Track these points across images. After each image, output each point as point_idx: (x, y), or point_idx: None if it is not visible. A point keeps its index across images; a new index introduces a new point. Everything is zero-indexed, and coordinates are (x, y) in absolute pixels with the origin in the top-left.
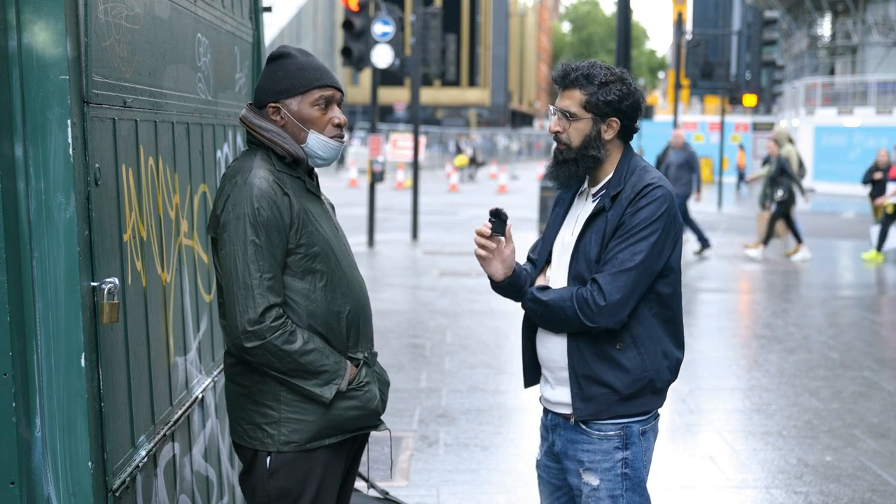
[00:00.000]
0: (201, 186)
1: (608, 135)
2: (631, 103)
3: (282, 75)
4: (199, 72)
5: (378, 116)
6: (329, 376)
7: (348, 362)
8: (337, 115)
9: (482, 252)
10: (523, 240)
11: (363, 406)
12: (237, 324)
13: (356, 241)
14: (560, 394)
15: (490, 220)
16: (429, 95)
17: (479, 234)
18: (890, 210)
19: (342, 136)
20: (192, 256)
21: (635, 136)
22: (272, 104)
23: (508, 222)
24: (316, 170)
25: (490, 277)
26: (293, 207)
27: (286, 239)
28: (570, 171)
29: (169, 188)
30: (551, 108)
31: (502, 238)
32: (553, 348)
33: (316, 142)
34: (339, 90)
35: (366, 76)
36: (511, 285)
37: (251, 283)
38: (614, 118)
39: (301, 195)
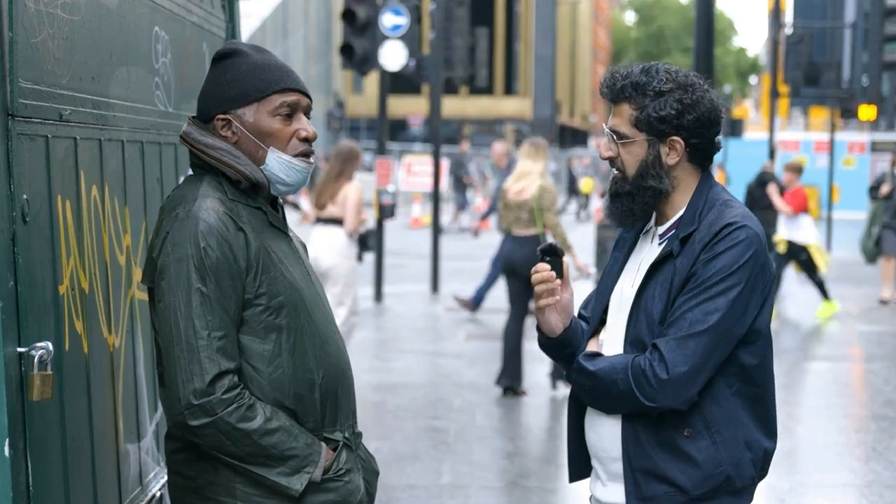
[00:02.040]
0: None
1: (671, 159)
2: (696, 117)
3: (232, 78)
4: (158, 75)
5: (387, 133)
6: (298, 462)
7: (323, 445)
8: (304, 126)
9: (548, 300)
10: (576, 292)
11: (343, 500)
12: (180, 396)
13: (359, 295)
14: (613, 492)
15: (544, 260)
16: (453, 106)
17: (539, 273)
18: (782, 249)
19: (310, 154)
20: (148, 315)
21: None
22: (221, 116)
23: (566, 259)
24: (281, 199)
25: (545, 333)
26: (250, 246)
27: (241, 287)
28: (624, 206)
29: (118, 226)
30: (605, 126)
31: (559, 281)
32: (604, 434)
33: (276, 162)
34: (307, 95)
35: (372, 82)
36: (566, 342)
37: (197, 344)
38: (675, 137)
39: (262, 231)
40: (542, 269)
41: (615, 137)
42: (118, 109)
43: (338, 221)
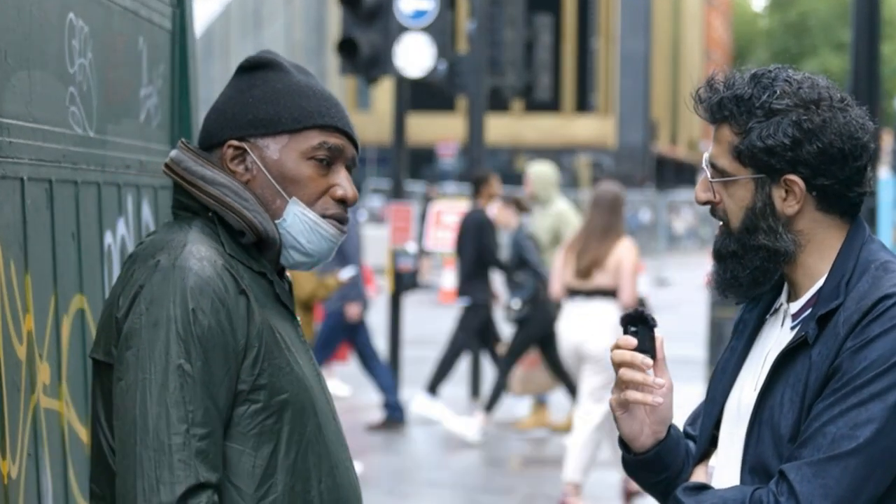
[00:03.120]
0: (76, 300)
1: (790, 206)
2: (820, 148)
3: (261, 96)
4: (73, 84)
5: (407, 168)
6: None
7: None
8: (342, 183)
9: (638, 396)
10: (682, 397)
11: None
12: None
13: (365, 403)
14: None
15: (629, 330)
16: (503, 129)
17: (623, 351)
18: None
19: (344, 222)
20: (59, 430)
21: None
22: (235, 141)
23: (658, 333)
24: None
25: (626, 442)
26: (253, 318)
27: (236, 371)
28: (731, 273)
29: (15, 303)
30: (706, 156)
31: (650, 362)
32: None
33: (298, 219)
34: (354, 143)
35: (384, 93)
36: (660, 463)
37: (169, 441)
38: (791, 176)
39: (265, 304)
40: (626, 345)
41: (713, 174)
42: (15, 133)
43: (607, 293)
